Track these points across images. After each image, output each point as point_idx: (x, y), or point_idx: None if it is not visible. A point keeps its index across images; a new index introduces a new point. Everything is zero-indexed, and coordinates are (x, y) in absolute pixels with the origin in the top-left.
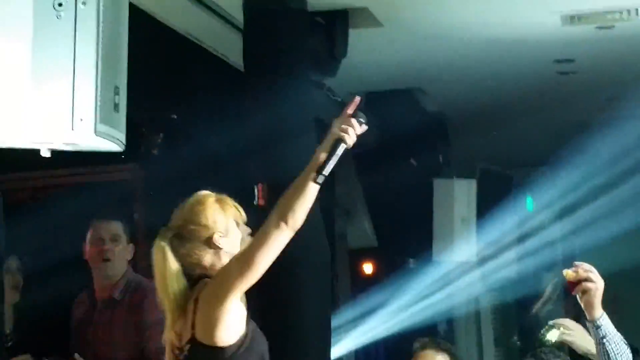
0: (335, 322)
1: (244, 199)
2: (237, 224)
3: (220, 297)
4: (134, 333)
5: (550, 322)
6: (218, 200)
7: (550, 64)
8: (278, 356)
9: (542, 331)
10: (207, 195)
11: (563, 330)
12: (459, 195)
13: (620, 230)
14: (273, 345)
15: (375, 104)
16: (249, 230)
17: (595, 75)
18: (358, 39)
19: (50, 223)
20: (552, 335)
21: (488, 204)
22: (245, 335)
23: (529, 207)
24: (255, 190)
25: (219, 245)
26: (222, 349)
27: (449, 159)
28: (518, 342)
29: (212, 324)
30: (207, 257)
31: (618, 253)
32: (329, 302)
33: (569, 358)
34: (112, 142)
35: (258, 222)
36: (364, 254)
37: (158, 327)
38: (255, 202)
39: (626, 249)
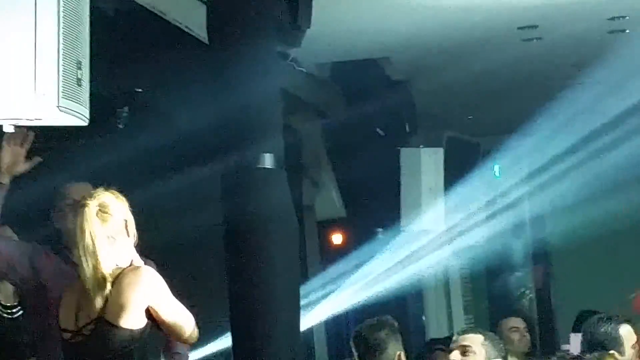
0: (304, 292)
1: (210, 172)
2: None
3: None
4: None
5: None
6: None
7: (515, 31)
8: (248, 328)
9: None
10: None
11: None
12: (426, 164)
13: (587, 197)
14: (242, 317)
15: (341, 74)
16: None
17: (560, 41)
18: (322, 9)
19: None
20: None
21: (455, 172)
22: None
23: (497, 174)
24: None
25: (130, 231)
26: (131, 330)
27: (415, 127)
28: (488, 309)
29: (130, 309)
30: (122, 241)
31: (585, 219)
32: (297, 273)
33: None
34: (75, 117)
35: (225, 194)
36: (333, 224)
37: None
38: (221, 174)
39: (593, 215)
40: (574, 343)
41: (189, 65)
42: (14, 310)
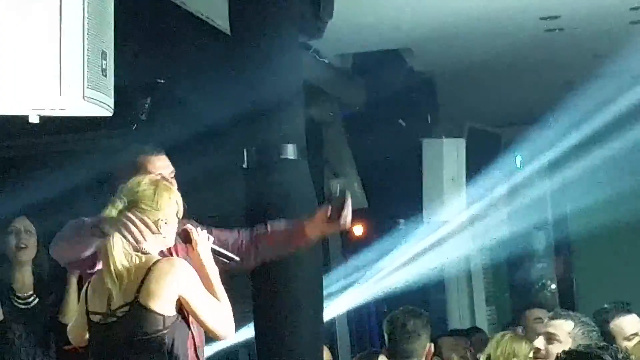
0: (326, 283)
1: (232, 163)
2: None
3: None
4: None
5: None
6: (168, 188)
7: (537, 21)
8: (270, 319)
9: None
10: (159, 180)
11: None
12: (448, 154)
13: (608, 187)
14: (265, 308)
15: (363, 65)
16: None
17: (582, 31)
18: (344, 0)
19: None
20: None
21: (477, 163)
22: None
23: (518, 165)
24: (244, 154)
25: (160, 231)
26: (164, 316)
27: (437, 118)
28: (510, 300)
29: (163, 295)
30: (148, 239)
31: (607, 209)
32: (320, 263)
33: None
34: (100, 107)
35: (248, 186)
36: (354, 215)
37: None
38: (244, 166)
39: (615, 205)
40: None
41: (211, 57)
42: (30, 300)
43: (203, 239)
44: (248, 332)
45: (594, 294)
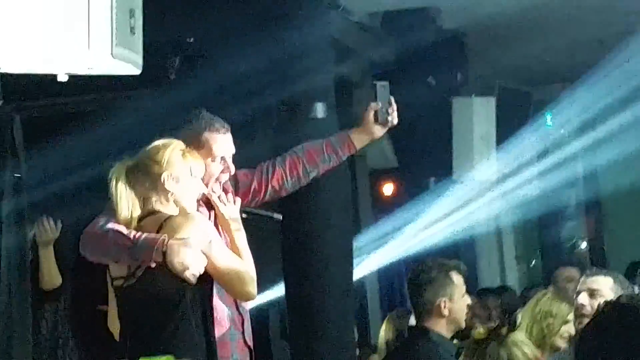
0: (356, 243)
1: (263, 121)
2: (194, 176)
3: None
4: None
5: None
6: (183, 149)
7: None
8: (301, 279)
9: None
10: (176, 142)
11: None
12: (478, 113)
13: (638, 144)
14: (295, 269)
15: (392, 23)
16: (205, 190)
17: None
18: None
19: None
20: None
21: (507, 121)
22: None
23: (549, 123)
24: (274, 113)
25: (166, 187)
26: None
27: (467, 77)
28: (540, 259)
29: None
30: (154, 195)
31: (637, 167)
32: (350, 223)
33: None
34: (129, 65)
35: (277, 145)
36: (384, 174)
37: None
38: (273, 124)
39: None
40: None
41: (240, 15)
42: None
43: (226, 204)
44: (279, 291)
45: (624, 252)
